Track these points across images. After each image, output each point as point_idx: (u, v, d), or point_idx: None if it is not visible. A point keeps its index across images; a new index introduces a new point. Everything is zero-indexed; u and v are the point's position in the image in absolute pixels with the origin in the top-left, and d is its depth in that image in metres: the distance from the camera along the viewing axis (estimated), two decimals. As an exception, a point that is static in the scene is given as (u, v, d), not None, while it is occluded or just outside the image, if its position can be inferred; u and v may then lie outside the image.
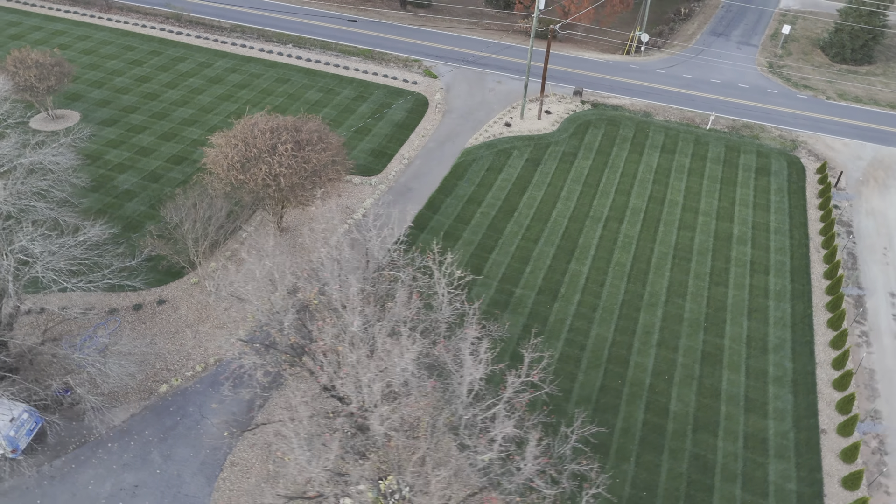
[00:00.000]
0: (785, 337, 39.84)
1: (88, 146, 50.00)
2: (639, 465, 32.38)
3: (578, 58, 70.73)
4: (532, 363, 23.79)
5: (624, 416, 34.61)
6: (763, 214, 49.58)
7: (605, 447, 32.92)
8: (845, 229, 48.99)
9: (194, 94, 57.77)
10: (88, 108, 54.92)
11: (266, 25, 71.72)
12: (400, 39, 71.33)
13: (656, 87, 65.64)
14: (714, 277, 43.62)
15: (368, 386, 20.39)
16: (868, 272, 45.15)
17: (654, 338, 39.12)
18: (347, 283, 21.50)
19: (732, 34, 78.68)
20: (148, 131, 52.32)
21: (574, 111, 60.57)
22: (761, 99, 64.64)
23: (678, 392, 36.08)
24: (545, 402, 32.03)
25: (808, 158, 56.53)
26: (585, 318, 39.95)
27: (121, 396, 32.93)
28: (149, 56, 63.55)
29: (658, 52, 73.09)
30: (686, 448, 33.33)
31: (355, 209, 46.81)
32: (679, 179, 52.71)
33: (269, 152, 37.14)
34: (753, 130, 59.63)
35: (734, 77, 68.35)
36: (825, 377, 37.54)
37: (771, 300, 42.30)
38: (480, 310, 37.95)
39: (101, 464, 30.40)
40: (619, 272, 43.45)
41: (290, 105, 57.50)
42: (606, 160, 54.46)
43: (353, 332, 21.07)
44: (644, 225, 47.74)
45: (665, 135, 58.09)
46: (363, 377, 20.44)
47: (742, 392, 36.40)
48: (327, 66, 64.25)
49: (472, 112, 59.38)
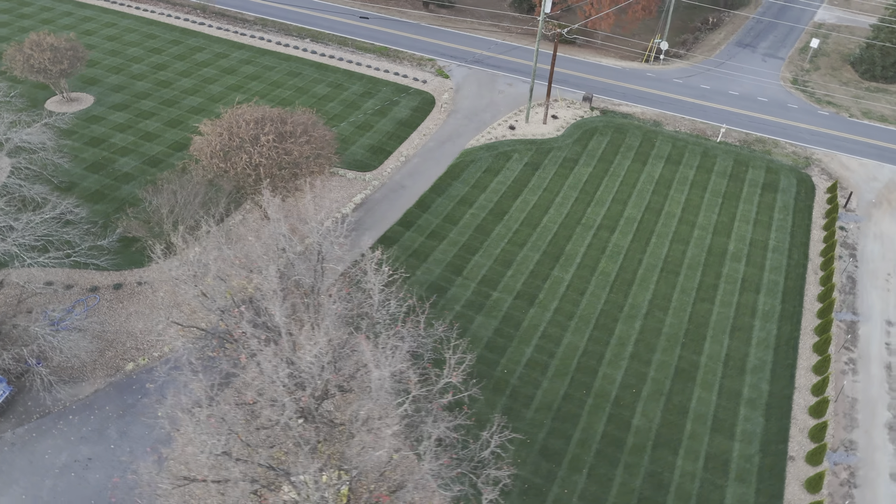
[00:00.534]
0: (766, 358, 38.59)
1: (96, 129, 51.70)
2: (591, 477, 31.81)
3: (595, 63, 69.83)
4: (456, 364, 23.60)
5: (584, 426, 34.04)
6: (763, 232, 48.11)
7: (558, 456, 32.47)
8: (849, 252, 47.19)
9: (206, 84, 59.12)
10: (103, 92, 56.75)
11: (289, 20, 72.90)
12: (417, 38, 71.62)
13: (670, 96, 64.34)
14: (701, 293, 42.54)
15: (320, 370, 20.56)
16: (866, 298, 43.38)
17: (628, 350, 38.36)
18: (269, 273, 21.75)
19: (759, 46, 76.53)
20: (155, 117, 53.76)
21: (581, 117, 59.83)
22: (779, 113, 62.72)
23: (644, 407, 35.31)
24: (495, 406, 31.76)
25: (819, 177, 54.63)
26: (560, 326, 39.43)
27: (88, 371, 33.95)
28: (169, 45, 65.30)
29: (678, 62, 71.61)
30: (643, 464, 32.60)
31: (344, 203, 47.21)
32: (680, 191, 51.55)
33: (251, 142, 37.78)
34: (766, 145, 57.92)
35: (754, 90, 66.48)
36: (802, 402, 36.25)
37: (757, 320, 41.02)
38: (430, 311, 37.93)
39: (60, 435, 31.39)
40: (602, 282, 42.76)
41: (297, 98, 58.34)
42: (608, 168, 53.63)
43: (277, 323, 21.33)
44: (636, 235, 46.85)
45: (672, 145, 56.88)
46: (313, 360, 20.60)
47: (711, 411, 35.40)
48: (340, 62, 64.95)
49: (478, 113, 59.23)
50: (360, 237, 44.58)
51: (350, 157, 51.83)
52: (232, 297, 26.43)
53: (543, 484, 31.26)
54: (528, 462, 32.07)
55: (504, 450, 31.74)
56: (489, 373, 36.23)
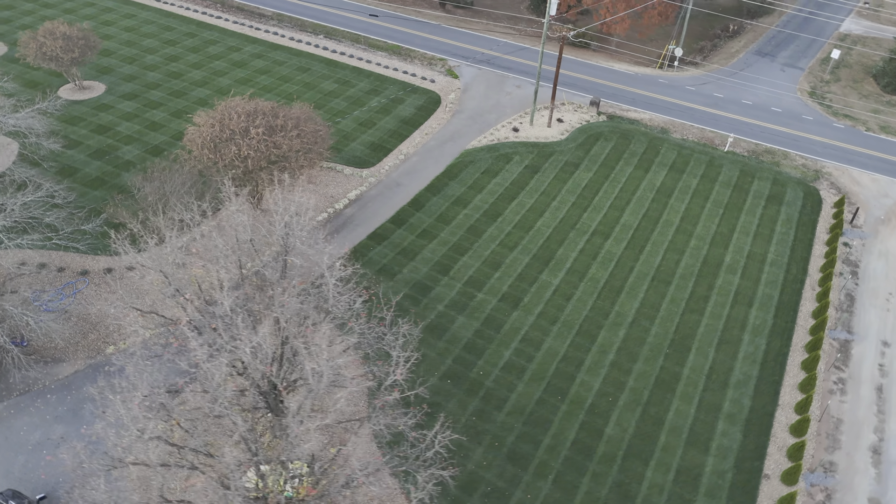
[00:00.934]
0: (751, 373, 37.77)
1: (104, 117, 52.87)
2: (556, 483, 31.48)
3: (607, 68, 69.12)
4: (403, 361, 23.53)
5: (555, 432, 33.70)
6: (762, 244, 47.09)
7: (525, 461, 32.21)
8: (851, 269, 45.93)
9: (215, 76, 60.03)
10: (115, 81, 58.01)
11: (306, 16, 73.54)
12: (430, 37, 71.71)
13: (681, 103, 63.37)
14: (690, 304, 41.81)
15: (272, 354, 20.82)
16: (864, 316, 42.18)
17: (609, 358, 37.88)
18: (227, 264, 21.99)
19: (779, 55, 74.91)
20: (163, 107, 54.79)
21: (587, 121, 59.27)
22: (792, 125, 61.33)
23: (619, 416, 34.82)
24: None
25: (828, 191, 53.27)
26: (542, 330, 39.11)
27: (70, 353, 34.74)
28: (184, 37, 66.46)
29: (693, 69, 70.49)
30: (611, 474, 32.15)
31: (338, 199, 47.50)
32: (681, 200, 50.73)
33: (241, 134, 38.26)
34: (775, 157, 56.68)
35: (768, 100, 65.11)
36: (784, 420, 35.40)
37: (747, 334, 40.17)
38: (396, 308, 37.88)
39: (37, 413, 32.17)
40: (590, 288, 42.30)
41: (304, 93, 58.89)
42: (608, 174, 53.04)
43: (225, 311, 21.60)
44: (630, 243, 46.24)
45: (678, 153, 56.03)
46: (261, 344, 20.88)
47: (688, 424, 34.77)
48: (350, 59, 65.37)
49: (483, 114, 59.08)
50: (351, 233, 44.91)
51: (349, 153, 52.15)
52: (198, 283, 26.83)
53: (507, 488, 31.04)
54: (494, 465, 31.87)
55: (464, 450, 31.67)
56: (464, 374, 36.11)
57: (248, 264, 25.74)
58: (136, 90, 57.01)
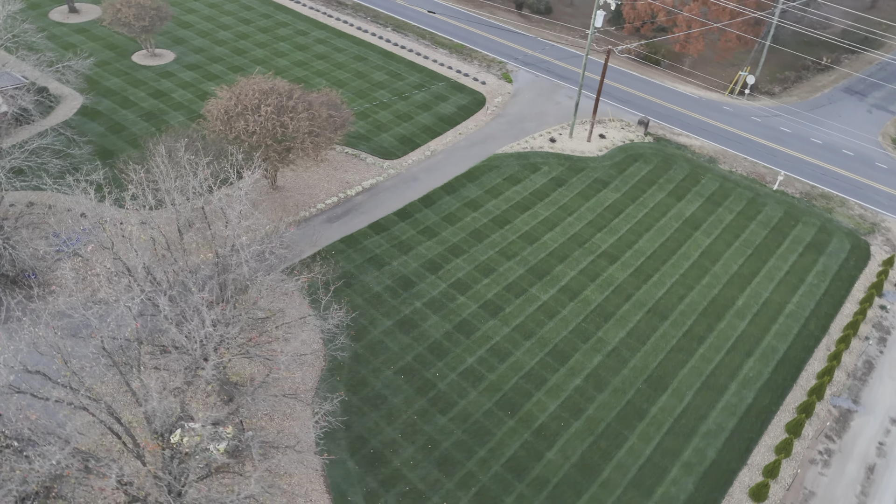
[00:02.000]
0: (726, 425, 35.22)
1: (164, 83, 56.82)
2: (477, 497, 30.81)
3: (670, 88, 66.13)
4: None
5: (493, 446, 32.98)
6: (785, 293, 43.61)
7: (453, 468, 31.78)
8: (881, 335, 41.64)
9: (275, 56, 62.90)
10: (184, 51, 62.12)
11: (384, 8, 75.28)
12: (497, 40, 71.46)
13: (739, 133, 59.62)
14: (682, 342, 39.48)
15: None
16: (877, 388, 38.18)
17: (575, 382, 36.55)
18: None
19: (871, 95, 68.63)
20: (217, 80, 58.09)
21: (631, 141, 57.09)
22: (860, 171, 56.17)
23: (566, 442, 33.55)
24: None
25: (881, 247, 48.46)
26: (513, 343, 38.29)
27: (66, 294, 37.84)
28: (259, 17, 70.02)
29: (767, 98, 66.02)
30: (538, 499, 31.07)
31: (353, 185, 48.57)
32: (707, 234, 47.87)
33: (252, 111, 40.02)
34: (831, 202, 52.20)
35: (842, 141, 59.91)
36: (747, 481, 32.78)
37: (734, 384, 37.46)
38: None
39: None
40: (578, 309, 40.89)
41: (352, 81, 60.52)
42: (637, 196, 50.89)
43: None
44: (637, 270, 44.23)
45: (719, 185, 52.85)
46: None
47: (638, 464, 32.97)
48: (408, 53, 66.40)
49: (523, 121, 58.30)
50: (354, 219, 45.84)
51: (378, 143, 53.14)
52: (154, 243, 28.58)
53: (426, 491, 30.78)
54: (420, 467, 31.68)
55: (395, 446, 31.64)
56: (420, 372, 36.04)
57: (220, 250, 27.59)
58: (200, 62, 60.80)
